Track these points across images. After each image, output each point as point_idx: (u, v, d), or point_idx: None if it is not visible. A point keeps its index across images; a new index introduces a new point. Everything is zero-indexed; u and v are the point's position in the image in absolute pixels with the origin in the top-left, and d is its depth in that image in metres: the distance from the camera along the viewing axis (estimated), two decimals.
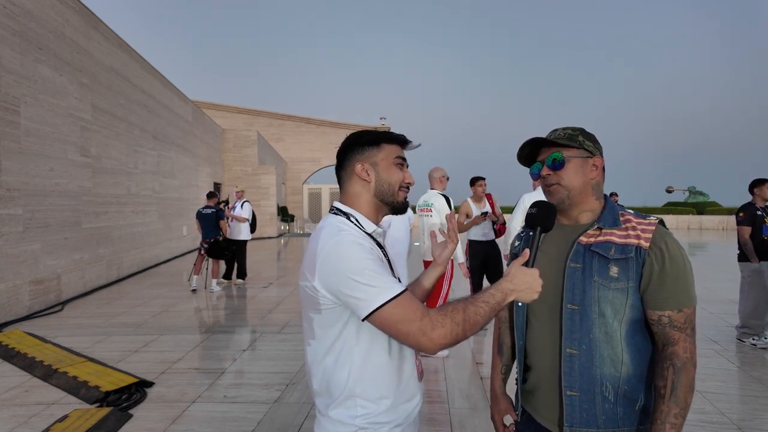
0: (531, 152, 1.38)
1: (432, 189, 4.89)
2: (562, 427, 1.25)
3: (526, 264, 1.20)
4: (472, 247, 5.54)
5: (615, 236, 1.24)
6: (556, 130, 1.35)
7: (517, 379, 1.47)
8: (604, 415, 1.22)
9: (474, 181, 5.52)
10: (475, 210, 5.46)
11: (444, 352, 4.52)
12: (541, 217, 1.23)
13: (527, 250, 1.20)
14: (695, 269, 5.40)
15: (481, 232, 5.50)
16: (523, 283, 1.16)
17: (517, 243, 1.51)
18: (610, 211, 1.29)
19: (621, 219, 1.28)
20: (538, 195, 4.27)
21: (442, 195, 4.74)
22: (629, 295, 1.21)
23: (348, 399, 1.18)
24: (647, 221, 1.26)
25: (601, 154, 1.34)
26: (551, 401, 1.30)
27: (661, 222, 1.26)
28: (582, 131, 1.32)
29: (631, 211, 1.32)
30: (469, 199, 5.57)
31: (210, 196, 8.00)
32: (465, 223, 5.39)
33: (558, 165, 1.29)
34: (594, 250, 1.24)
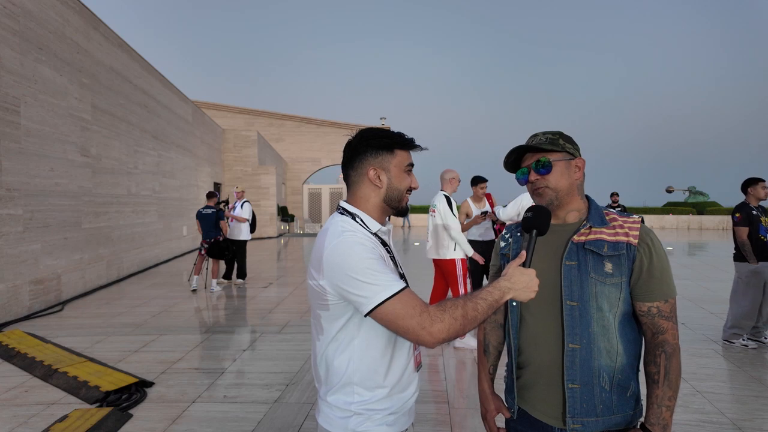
0: (516, 159, 1.44)
1: (441, 190, 4.93)
2: (565, 419, 1.31)
3: (523, 265, 1.24)
4: (471, 246, 5.57)
5: (605, 234, 1.32)
6: (536, 135, 1.40)
7: (506, 378, 1.51)
8: (601, 404, 1.29)
9: (476, 182, 5.53)
10: (475, 210, 5.48)
11: (472, 343, 4.62)
12: (536, 221, 1.28)
13: (524, 252, 1.25)
14: (695, 269, 5.43)
15: (478, 232, 5.53)
16: (520, 282, 1.20)
17: (503, 244, 1.53)
18: (596, 211, 1.37)
19: (607, 218, 1.36)
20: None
21: (445, 196, 4.80)
22: (622, 289, 1.29)
23: (346, 386, 1.25)
24: (631, 219, 1.35)
25: (580, 155, 1.40)
26: (550, 395, 1.35)
27: (642, 220, 1.36)
28: (561, 134, 1.38)
29: (612, 210, 1.40)
30: (468, 199, 5.58)
31: (210, 196, 8.00)
32: (465, 222, 5.40)
33: (545, 169, 1.35)
34: (588, 247, 1.31)
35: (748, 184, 4.84)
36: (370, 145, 1.30)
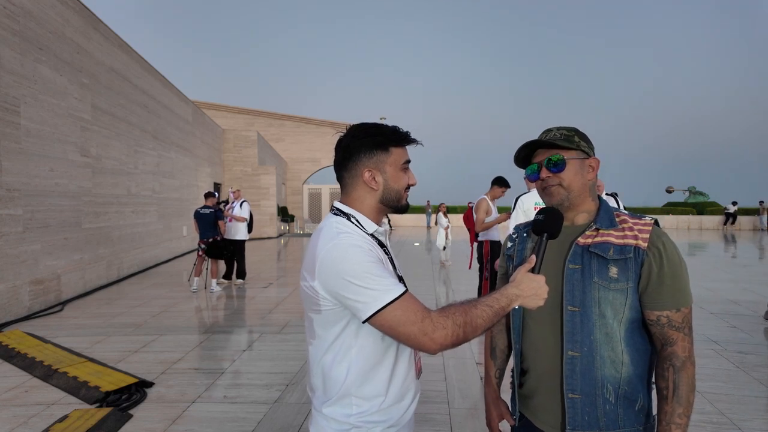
0: (527, 155, 1.36)
1: None
2: (564, 430, 1.24)
3: (532, 270, 1.18)
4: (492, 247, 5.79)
5: (612, 237, 1.24)
6: (550, 130, 1.32)
7: (512, 383, 1.45)
8: (605, 417, 1.22)
9: (501, 183, 5.79)
10: (494, 208, 5.68)
11: None
12: (548, 224, 1.21)
13: (534, 257, 1.19)
14: (695, 269, 5.47)
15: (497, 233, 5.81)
16: (529, 289, 1.15)
17: (509, 244, 1.46)
18: (606, 212, 1.29)
19: (617, 219, 1.28)
20: (534, 195, 4.31)
21: None
22: (629, 295, 1.21)
23: (343, 397, 1.19)
24: (643, 221, 1.26)
25: (594, 155, 1.33)
26: (551, 404, 1.28)
27: (656, 222, 1.27)
28: (576, 131, 1.31)
29: (625, 212, 1.32)
30: (487, 197, 5.76)
31: (207, 196, 8.02)
32: (486, 221, 5.59)
33: (558, 167, 1.27)
34: (592, 251, 1.24)
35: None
36: (363, 145, 1.22)
